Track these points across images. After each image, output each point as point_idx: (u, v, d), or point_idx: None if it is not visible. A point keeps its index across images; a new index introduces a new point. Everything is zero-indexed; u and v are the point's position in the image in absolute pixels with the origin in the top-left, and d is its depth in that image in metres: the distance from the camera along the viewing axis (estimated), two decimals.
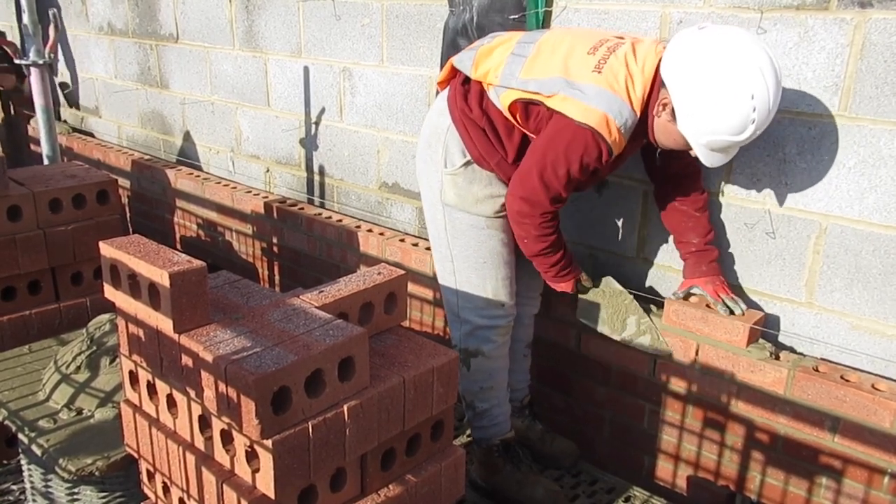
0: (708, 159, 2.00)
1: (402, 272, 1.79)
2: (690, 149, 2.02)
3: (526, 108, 2.10)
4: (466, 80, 2.25)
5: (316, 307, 1.62)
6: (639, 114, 2.00)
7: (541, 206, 2.10)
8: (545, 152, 2.05)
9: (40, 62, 3.60)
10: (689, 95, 1.90)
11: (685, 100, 1.91)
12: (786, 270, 2.30)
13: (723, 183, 2.36)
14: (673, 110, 1.96)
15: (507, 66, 2.11)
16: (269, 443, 1.39)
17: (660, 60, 1.99)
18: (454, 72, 2.31)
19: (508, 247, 2.33)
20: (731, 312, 2.27)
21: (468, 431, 2.75)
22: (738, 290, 2.40)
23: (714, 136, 1.92)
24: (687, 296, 2.38)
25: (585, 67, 1.99)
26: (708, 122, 1.90)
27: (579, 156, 2.01)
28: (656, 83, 2.00)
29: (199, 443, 1.57)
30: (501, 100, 2.14)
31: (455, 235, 2.32)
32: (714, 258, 2.33)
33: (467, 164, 2.25)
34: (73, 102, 5.27)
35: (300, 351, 1.43)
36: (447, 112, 2.27)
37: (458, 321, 2.40)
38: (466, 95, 2.23)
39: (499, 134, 2.20)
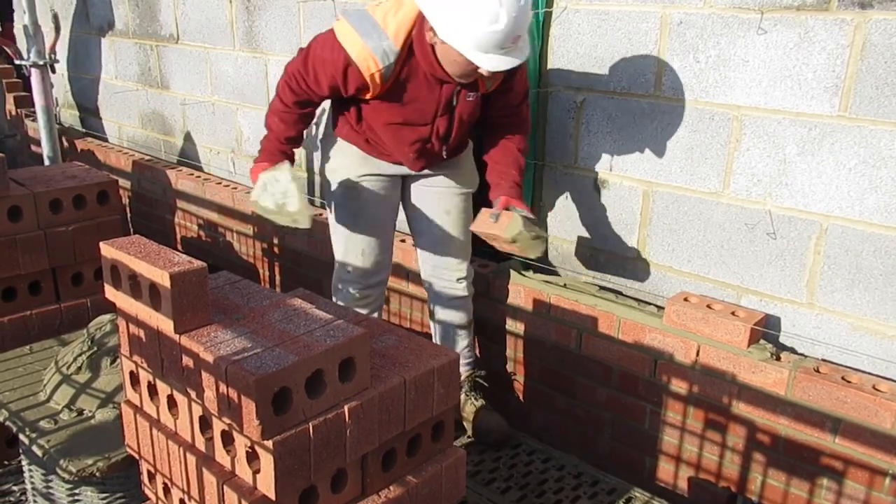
0: (488, 63, 2.04)
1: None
2: (474, 66, 2.08)
3: None
4: None
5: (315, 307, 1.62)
6: (397, 42, 2.16)
7: (291, 68, 2.35)
8: (306, 48, 2.34)
9: (40, 62, 3.60)
10: (438, 4, 2.02)
11: (436, 9, 2.03)
12: (786, 271, 2.29)
13: (723, 184, 2.36)
14: (433, 30, 2.07)
15: None
16: (269, 443, 1.39)
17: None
18: None
19: (358, 216, 2.55)
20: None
21: (469, 432, 2.75)
22: (738, 290, 2.41)
23: (475, 32, 1.99)
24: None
25: (371, 4, 2.25)
26: (461, 20, 1.99)
27: (322, 55, 2.25)
28: (424, 18, 2.11)
29: (200, 443, 1.57)
30: None
31: (326, 198, 2.64)
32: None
33: (328, 135, 2.56)
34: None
35: (301, 351, 1.43)
36: None
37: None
38: None
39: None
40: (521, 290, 2.76)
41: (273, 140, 2.45)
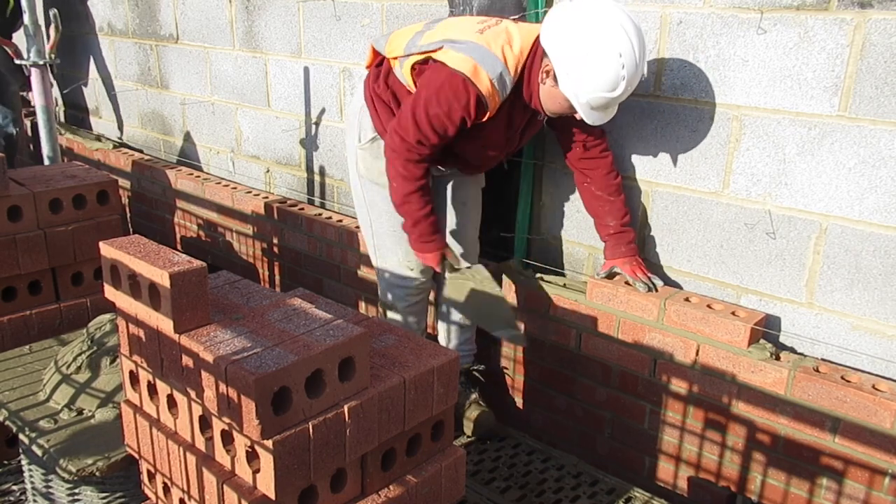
0: (590, 117, 2.19)
1: None
2: (575, 112, 2.20)
3: (421, 69, 2.30)
4: (381, 62, 2.50)
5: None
6: (514, 74, 2.19)
7: (408, 142, 2.26)
8: (420, 93, 2.26)
9: (41, 62, 3.60)
10: (568, 58, 2.11)
11: (565, 63, 2.11)
12: (786, 271, 2.30)
13: (723, 183, 2.36)
14: (555, 75, 2.16)
15: (412, 38, 2.35)
16: (269, 443, 1.39)
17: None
18: (375, 54, 2.54)
19: None
20: (650, 290, 2.45)
21: (469, 431, 2.75)
22: (738, 290, 2.41)
23: (593, 94, 2.12)
24: (610, 276, 2.54)
25: (469, 32, 2.23)
26: (586, 81, 2.10)
27: (447, 98, 2.19)
28: (537, 54, 2.21)
29: (200, 443, 1.57)
30: (404, 69, 2.36)
31: (371, 204, 2.59)
32: (631, 240, 2.50)
33: (374, 139, 2.50)
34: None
35: (300, 351, 1.43)
36: (361, 92, 2.54)
37: (378, 277, 2.73)
38: (378, 75, 2.48)
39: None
40: (521, 290, 2.76)
41: (426, 221, 2.36)
